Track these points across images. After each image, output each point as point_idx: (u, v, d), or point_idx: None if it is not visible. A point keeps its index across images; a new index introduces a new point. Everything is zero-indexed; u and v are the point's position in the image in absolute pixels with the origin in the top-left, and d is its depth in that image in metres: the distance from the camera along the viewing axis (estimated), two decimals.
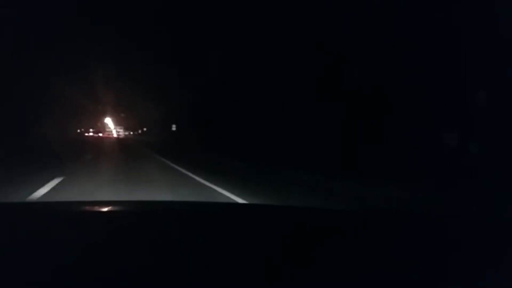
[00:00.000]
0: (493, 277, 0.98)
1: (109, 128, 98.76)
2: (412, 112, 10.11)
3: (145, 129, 72.37)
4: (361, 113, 11.46)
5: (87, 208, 1.73)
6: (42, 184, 6.66)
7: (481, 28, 8.38)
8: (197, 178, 8.94)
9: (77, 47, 43.20)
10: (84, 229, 1.28)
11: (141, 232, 1.29)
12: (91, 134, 77.88)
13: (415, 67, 9.88)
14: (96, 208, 1.75)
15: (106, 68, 52.82)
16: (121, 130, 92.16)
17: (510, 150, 7.45)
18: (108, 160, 14.77)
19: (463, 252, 1.16)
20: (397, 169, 8.50)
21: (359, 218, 1.76)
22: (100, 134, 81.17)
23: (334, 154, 11.03)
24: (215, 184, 7.79)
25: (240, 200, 6.05)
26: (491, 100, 8.40)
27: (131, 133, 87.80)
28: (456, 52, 8.94)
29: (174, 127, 38.52)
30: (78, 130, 75.88)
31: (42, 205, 1.91)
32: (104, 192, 6.29)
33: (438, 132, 9.27)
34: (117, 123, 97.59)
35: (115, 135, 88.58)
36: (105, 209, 1.76)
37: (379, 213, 3.65)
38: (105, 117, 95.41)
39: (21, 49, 25.13)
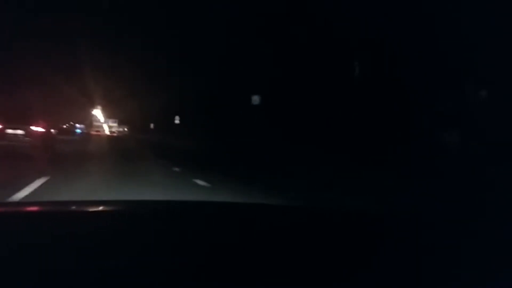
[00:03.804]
0: (493, 278, 0.97)
1: (99, 121, 72.09)
2: (412, 111, 10.13)
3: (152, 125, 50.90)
4: (361, 112, 11.49)
5: (85, 207, 1.72)
6: None
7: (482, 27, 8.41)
8: None
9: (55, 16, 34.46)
10: (82, 229, 1.26)
11: (142, 232, 1.27)
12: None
13: (416, 67, 9.90)
14: (94, 208, 1.73)
15: (92, 45, 40.33)
16: (115, 125, 69.30)
17: (509, 149, 7.50)
18: None
19: (463, 252, 1.16)
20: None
21: (363, 218, 1.76)
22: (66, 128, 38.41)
23: None
24: None
25: None
26: (491, 99, 8.44)
27: (126, 129, 67.59)
28: (457, 51, 8.96)
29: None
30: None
31: (39, 205, 1.88)
32: None
33: (438, 131, 9.30)
34: (108, 115, 72.21)
35: (107, 132, 65.74)
36: (104, 209, 1.73)
37: (383, 213, 3.65)
38: (93, 108, 69.48)
39: None
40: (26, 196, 5.56)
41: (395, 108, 10.72)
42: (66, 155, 14.20)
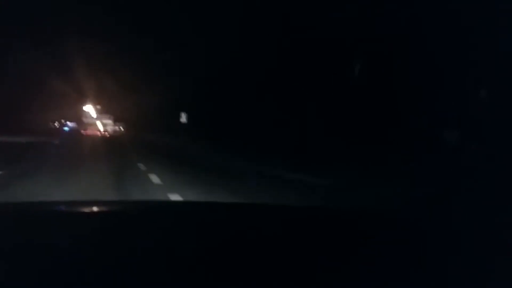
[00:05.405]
0: (493, 278, 0.96)
1: (90, 118, 60.65)
2: (412, 111, 10.16)
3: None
4: (360, 111, 11.52)
5: (82, 207, 1.72)
6: None
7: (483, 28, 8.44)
8: None
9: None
10: (79, 229, 1.25)
11: (139, 231, 1.28)
12: None
13: (416, 66, 9.93)
14: (91, 208, 1.74)
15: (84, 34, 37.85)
16: (109, 122, 58.45)
17: (509, 149, 7.53)
18: None
19: (461, 252, 1.16)
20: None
21: (357, 217, 1.72)
22: None
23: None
24: None
25: None
26: (492, 99, 8.48)
27: (121, 128, 57.80)
28: (457, 51, 9.00)
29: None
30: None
31: (38, 205, 1.86)
32: None
33: (439, 131, 9.34)
34: (102, 111, 61.52)
35: (101, 130, 57.56)
36: (100, 209, 1.74)
37: (375, 211, 3.67)
38: (85, 104, 58.95)
39: None
40: None
41: (394, 108, 10.76)
42: None
